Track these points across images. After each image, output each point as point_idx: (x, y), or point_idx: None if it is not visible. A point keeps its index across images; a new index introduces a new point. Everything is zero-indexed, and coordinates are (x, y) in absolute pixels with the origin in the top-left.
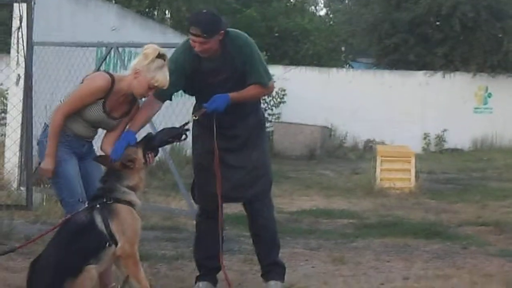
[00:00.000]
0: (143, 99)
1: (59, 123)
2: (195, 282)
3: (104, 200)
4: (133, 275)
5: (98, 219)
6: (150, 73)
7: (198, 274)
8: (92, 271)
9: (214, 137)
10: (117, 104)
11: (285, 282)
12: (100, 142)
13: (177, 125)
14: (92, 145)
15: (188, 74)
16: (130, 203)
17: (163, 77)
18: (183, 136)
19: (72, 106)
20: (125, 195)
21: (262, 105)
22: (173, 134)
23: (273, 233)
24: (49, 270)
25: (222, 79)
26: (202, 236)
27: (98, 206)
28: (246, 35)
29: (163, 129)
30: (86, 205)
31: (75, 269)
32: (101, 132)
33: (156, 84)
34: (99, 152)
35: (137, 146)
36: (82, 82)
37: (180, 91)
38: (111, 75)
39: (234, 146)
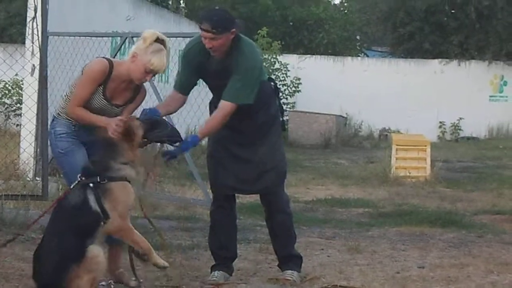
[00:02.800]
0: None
1: (80, 114)
2: (211, 272)
3: (98, 180)
4: (131, 241)
5: (92, 199)
6: (147, 56)
7: (213, 263)
8: (94, 250)
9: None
10: (119, 91)
11: (301, 271)
12: None
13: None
14: None
15: (198, 69)
16: (124, 178)
17: (159, 61)
18: (177, 144)
19: (79, 97)
20: (119, 171)
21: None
22: (172, 139)
23: (289, 226)
24: (52, 257)
25: (221, 85)
26: (216, 226)
27: (91, 185)
28: (255, 52)
29: (166, 125)
30: (79, 180)
31: (77, 252)
32: None
33: (151, 68)
34: None
35: (141, 124)
36: (82, 73)
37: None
38: (109, 60)
39: (242, 140)
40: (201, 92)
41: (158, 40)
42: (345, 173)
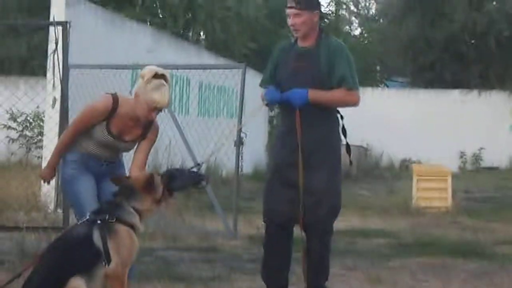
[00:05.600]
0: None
1: (65, 140)
2: None
3: (107, 218)
4: None
5: (96, 235)
6: (147, 95)
7: None
8: (75, 282)
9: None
10: (127, 127)
11: None
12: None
13: (212, 144)
14: (115, 166)
15: (279, 61)
16: (132, 226)
17: (160, 97)
18: (203, 183)
19: (76, 127)
20: (129, 216)
21: None
22: (194, 181)
23: (326, 259)
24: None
25: (301, 67)
26: (269, 255)
27: (99, 222)
28: (343, 43)
29: (183, 172)
30: (88, 217)
31: (61, 281)
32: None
33: (154, 105)
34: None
35: (161, 180)
36: None
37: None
38: (115, 98)
39: (297, 159)
40: (222, 124)
41: (157, 76)
42: (366, 203)
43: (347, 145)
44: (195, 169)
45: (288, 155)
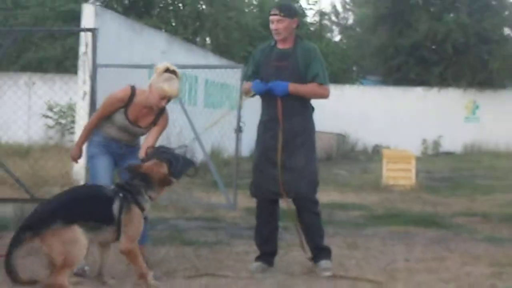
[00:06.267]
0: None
1: (91, 124)
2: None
3: (129, 197)
4: (133, 263)
5: (116, 204)
6: (159, 85)
7: (257, 255)
8: (77, 230)
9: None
10: (141, 114)
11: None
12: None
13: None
14: (133, 150)
15: (260, 60)
16: (143, 210)
17: (169, 87)
18: (195, 173)
19: (100, 112)
20: (145, 203)
21: None
22: (187, 169)
23: (317, 223)
24: (48, 208)
25: (282, 66)
26: (259, 226)
27: (121, 195)
28: (316, 46)
29: (178, 158)
30: (114, 186)
31: (69, 218)
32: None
33: (164, 94)
34: None
35: (166, 166)
36: None
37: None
38: (133, 89)
39: (282, 146)
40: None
41: (169, 70)
42: (344, 181)
43: None
44: (183, 150)
45: (271, 140)
